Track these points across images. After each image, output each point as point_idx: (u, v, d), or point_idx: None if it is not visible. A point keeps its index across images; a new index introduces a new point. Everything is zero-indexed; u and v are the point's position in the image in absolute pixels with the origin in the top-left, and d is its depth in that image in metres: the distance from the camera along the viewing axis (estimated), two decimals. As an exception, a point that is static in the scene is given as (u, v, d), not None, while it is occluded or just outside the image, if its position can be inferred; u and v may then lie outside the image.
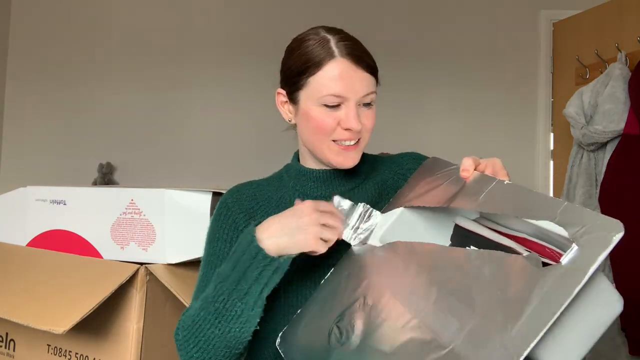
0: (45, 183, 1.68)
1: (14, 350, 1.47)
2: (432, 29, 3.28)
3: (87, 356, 1.36)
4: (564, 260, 0.65)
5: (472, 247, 0.80)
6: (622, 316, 2.26)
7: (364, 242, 0.94)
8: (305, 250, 0.88)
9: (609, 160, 2.27)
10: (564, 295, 0.62)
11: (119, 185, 3.08)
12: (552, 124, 3.15)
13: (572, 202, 2.76)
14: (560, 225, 0.69)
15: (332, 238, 0.89)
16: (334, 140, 0.99)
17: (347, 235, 0.93)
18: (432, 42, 3.27)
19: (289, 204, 1.01)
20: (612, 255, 2.21)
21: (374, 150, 1.15)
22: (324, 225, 0.88)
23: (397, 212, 0.93)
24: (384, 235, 0.92)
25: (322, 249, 0.88)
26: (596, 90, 2.29)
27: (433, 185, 0.92)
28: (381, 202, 1.05)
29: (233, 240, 1.02)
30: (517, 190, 0.79)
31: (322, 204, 0.90)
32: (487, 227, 0.80)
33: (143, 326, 1.32)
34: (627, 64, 2.31)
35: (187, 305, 1.27)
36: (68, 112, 3.23)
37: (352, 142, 0.99)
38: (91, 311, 1.21)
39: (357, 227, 0.93)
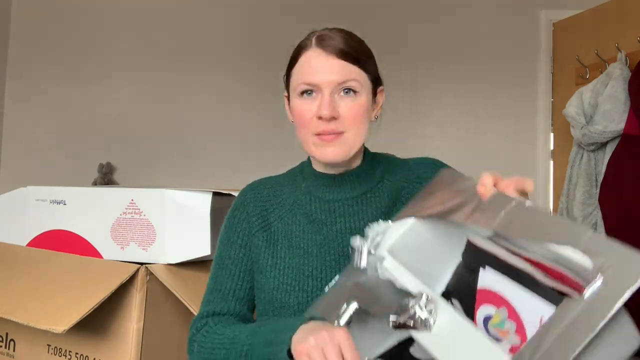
0: (45, 183, 1.68)
1: (14, 350, 1.47)
2: (432, 29, 3.28)
3: (87, 356, 1.36)
4: (587, 293, 0.63)
5: (486, 267, 0.77)
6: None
7: (372, 252, 0.89)
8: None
9: (609, 160, 2.26)
10: (585, 332, 0.60)
11: (119, 185, 3.08)
12: (552, 124, 3.15)
13: (572, 202, 2.74)
14: (585, 253, 0.66)
15: None
16: (316, 135, 0.97)
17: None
18: (432, 42, 3.27)
19: (302, 207, 1.04)
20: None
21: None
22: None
23: (409, 222, 0.89)
24: (393, 247, 0.88)
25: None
26: (596, 90, 2.29)
27: (448, 198, 0.87)
28: (394, 210, 1.02)
29: (248, 246, 1.04)
30: (539, 213, 0.74)
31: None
32: (502, 246, 0.76)
33: (143, 326, 1.32)
34: (627, 64, 2.30)
35: (187, 306, 1.27)
36: (68, 112, 3.23)
37: (331, 134, 0.95)
38: (91, 311, 1.22)
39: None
